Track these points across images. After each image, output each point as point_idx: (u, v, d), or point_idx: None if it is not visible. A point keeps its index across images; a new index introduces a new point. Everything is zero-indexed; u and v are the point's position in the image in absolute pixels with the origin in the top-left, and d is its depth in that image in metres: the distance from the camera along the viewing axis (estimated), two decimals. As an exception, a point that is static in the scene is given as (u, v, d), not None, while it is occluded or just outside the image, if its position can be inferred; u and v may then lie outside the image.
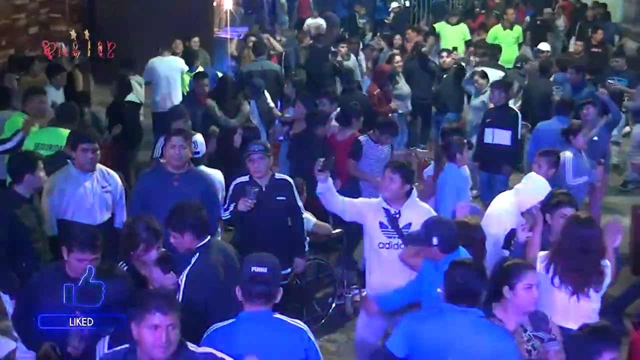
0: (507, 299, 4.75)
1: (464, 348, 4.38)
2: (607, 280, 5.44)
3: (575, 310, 5.34)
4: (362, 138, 8.75)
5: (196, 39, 13.61)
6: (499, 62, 13.37)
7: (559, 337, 4.76)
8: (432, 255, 5.30)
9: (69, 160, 6.79)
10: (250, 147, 6.85)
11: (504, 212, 6.66)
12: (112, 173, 7.05)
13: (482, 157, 9.73)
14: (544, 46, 14.46)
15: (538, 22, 17.93)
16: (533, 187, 6.67)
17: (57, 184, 6.69)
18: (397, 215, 6.06)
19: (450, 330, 4.45)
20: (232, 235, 7.72)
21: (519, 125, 9.85)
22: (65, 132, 7.61)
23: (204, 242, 5.28)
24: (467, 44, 15.71)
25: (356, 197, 6.72)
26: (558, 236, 5.59)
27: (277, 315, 4.34)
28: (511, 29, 16.12)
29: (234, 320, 4.30)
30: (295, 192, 6.85)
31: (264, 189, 6.67)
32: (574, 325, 4.90)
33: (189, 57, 12.64)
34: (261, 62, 12.19)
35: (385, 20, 20.49)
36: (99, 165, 6.88)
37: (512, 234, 6.52)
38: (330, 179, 6.10)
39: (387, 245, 6.06)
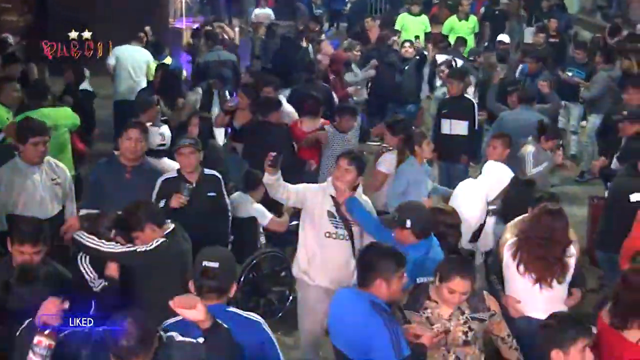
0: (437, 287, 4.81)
1: (344, 327, 4.62)
2: (572, 271, 5.47)
3: (541, 299, 5.40)
4: (327, 128, 8.81)
5: (147, 28, 13.48)
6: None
7: (498, 311, 4.93)
8: (403, 238, 5.32)
9: (16, 153, 6.62)
10: (179, 141, 6.74)
11: (473, 207, 6.71)
12: (61, 165, 6.91)
13: (440, 148, 9.70)
14: (504, 37, 14.48)
15: (496, 12, 17.94)
16: (497, 176, 6.72)
17: (4, 179, 6.55)
18: None
19: (343, 308, 4.68)
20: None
21: (476, 115, 9.84)
22: (57, 110, 7.94)
23: (168, 230, 5.31)
24: (427, 35, 15.71)
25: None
26: (525, 224, 5.62)
27: (231, 309, 4.26)
28: (466, 19, 16.14)
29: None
30: (224, 188, 6.77)
31: (194, 185, 6.56)
32: (542, 315, 4.88)
33: (157, 47, 12.59)
34: (217, 52, 12.15)
35: (342, 11, 20.42)
36: (46, 158, 6.72)
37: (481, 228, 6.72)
38: (279, 172, 5.94)
39: (333, 235, 6.00)
